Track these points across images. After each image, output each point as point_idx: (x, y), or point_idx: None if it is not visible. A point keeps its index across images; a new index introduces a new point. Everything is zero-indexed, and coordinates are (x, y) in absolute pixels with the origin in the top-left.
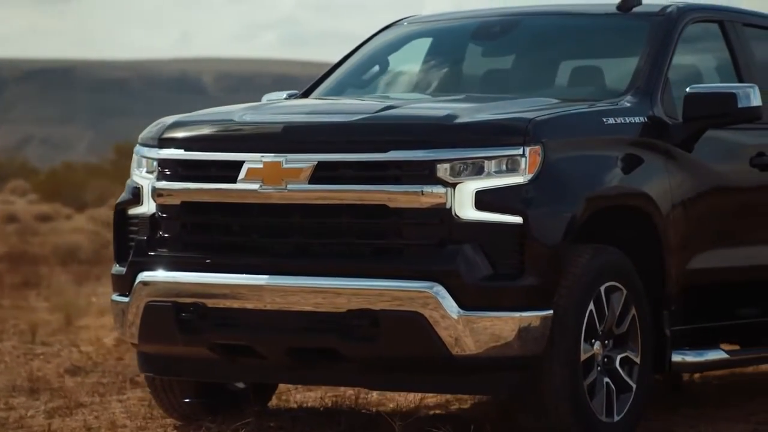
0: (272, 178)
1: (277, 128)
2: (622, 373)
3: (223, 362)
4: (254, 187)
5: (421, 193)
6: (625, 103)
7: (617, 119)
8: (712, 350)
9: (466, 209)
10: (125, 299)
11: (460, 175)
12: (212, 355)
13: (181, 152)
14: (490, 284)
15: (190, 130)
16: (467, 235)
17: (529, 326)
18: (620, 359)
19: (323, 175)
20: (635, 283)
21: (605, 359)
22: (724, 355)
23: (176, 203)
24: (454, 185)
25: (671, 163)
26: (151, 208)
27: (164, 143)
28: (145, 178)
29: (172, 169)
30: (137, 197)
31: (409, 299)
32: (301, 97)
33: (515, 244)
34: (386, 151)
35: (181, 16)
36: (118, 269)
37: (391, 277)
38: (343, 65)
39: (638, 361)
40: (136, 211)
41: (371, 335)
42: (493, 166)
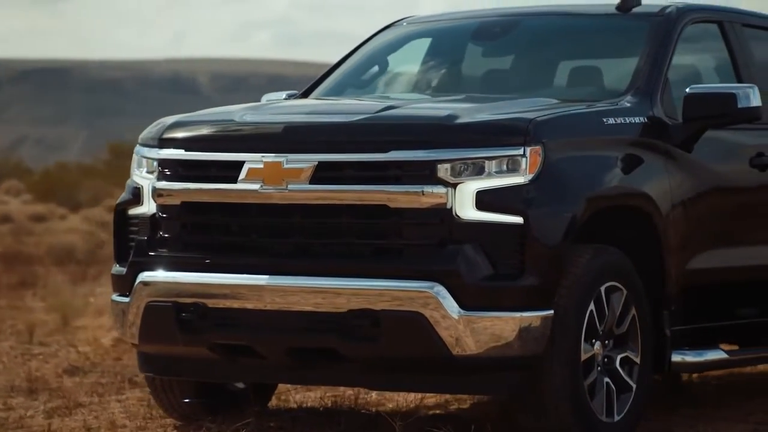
0: (273, 178)
1: (277, 128)
2: (622, 373)
3: (223, 362)
4: (255, 187)
5: (421, 193)
6: (625, 103)
7: (617, 119)
8: (711, 350)
9: (466, 209)
10: (125, 299)
11: (460, 175)
12: (212, 355)
13: (181, 152)
14: (490, 284)
15: (190, 130)
16: (468, 235)
17: (529, 326)
18: (620, 359)
19: (324, 175)
20: (635, 283)
21: (605, 359)
22: (723, 355)
23: (176, 203)
24: (454, 185)
25: (671, 163)
26: (151, 208)
27: (164, 143)
28: (145, 178)
29: (172, 169)
30: (137, 197)
31: (409, 299)
32: (300, 97)
33: (516, 244)
34: (387, 151)
35: (174, 16)
36: (118, 269)
37: (391, 277)
38: (342, 65)
39: (638, 361)
40: (136, 211)
41: (372, 335)
42: (493, 166)
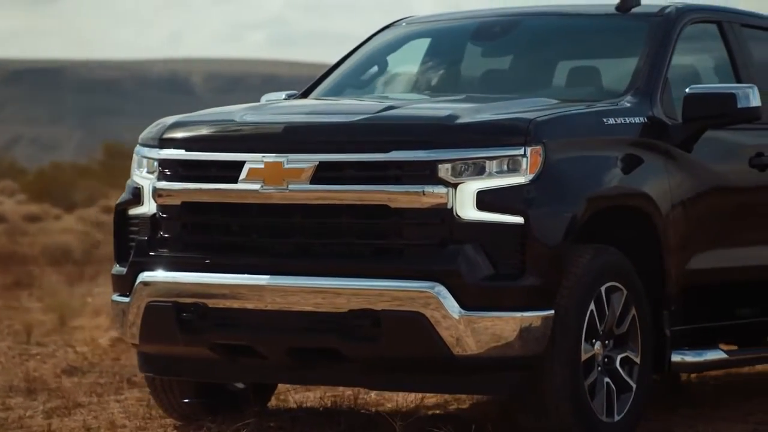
0: (273, 178)
1: (278, 128)
2: (622, 373)
3: (223, 362)
4: (255, 187)
5: (422, 193)
6: (624, 103)
7: (617, 120)
8: (711, 350)
9: (467, 209)
10: (126, 299)
11: (461, 175)
12: (213, 355)
13: (181, 152)
14: (491, 284)
15: (190, 130)
16: (468, 235)
17: (530, 326)
18: (620, 359)
19: (324, 175)
20: (635, 283)
21: (606, 359)
22: (723, 355)
23: (177, 203)
24: (455, 185)
25: (671, 163)
26: (151, 208)
27: (165, 143)
28: (145, 178)
29: (172, 169)
30: (138, 197)
31: (410, 299)
32: (300, 97)
33: (516, 244)
34: (388, 151)
35: (169, 16)
36: (118, 269)
37: (392, 277)
38: (341, 66)
39: (638, 361)
40: (136, 211)
41: (372, 335)
42: (494, 166)
